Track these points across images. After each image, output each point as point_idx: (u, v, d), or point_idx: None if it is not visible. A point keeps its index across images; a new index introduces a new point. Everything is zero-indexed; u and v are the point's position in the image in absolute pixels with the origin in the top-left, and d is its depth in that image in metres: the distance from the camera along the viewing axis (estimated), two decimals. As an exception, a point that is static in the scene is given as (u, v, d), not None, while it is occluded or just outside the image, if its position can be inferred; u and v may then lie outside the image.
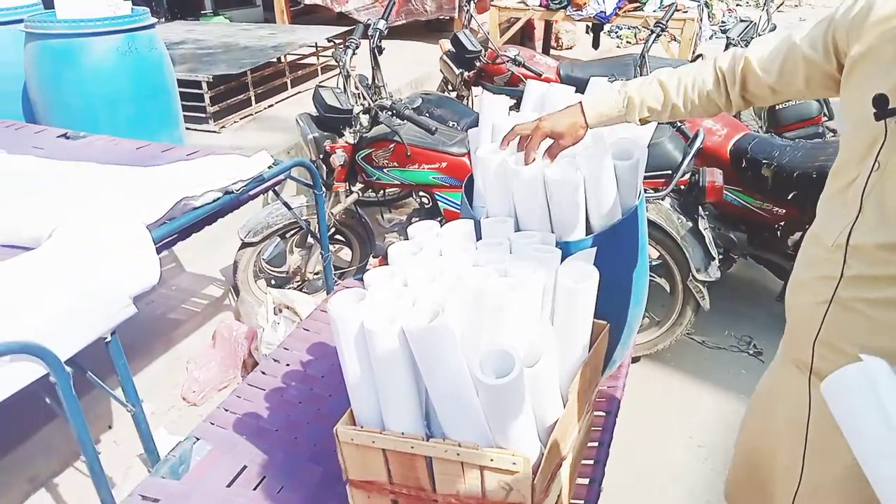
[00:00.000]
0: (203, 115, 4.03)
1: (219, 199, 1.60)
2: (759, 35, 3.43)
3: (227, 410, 1.41)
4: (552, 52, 7.25)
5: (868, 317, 0.98)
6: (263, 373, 1.54)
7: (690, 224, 2.21)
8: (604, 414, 1.40)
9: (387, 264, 1.11)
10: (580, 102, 1.18)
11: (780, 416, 1.22)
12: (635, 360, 2.47)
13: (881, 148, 0.92)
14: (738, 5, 10.22)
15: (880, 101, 0.89)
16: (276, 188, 2.11)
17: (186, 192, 1.50)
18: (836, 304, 1.02)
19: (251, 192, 1.76)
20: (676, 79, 1.15)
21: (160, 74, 3.24)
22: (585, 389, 1.14)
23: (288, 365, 1.56)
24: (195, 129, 3.99)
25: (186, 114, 3.68)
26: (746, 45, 3.20)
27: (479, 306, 0.97)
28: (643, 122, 1.19)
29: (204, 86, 3.93)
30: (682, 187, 2.27)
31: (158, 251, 1.46)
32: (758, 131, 3.00)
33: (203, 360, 2.36)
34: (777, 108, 3.09)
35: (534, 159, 1.17)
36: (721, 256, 2.57)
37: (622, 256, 1.32)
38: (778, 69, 1.06)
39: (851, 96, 0.97)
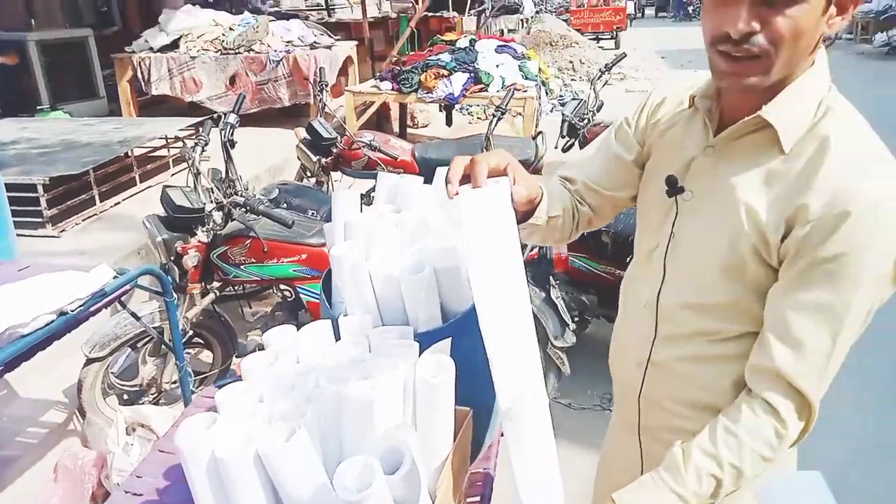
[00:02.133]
0: (39, 220, 3.74)
1: (53, 321, 1.48)
2: (590, 111, 3.78)
3: (70, 559, 1.26)
4: (409, 130, 7.54)
5: (679, 373, 1.09)
6: (114, 508, 1.40)
7: (544, 294, 2.34)
8: (478, 498, 1.40)
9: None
10: None
11: (619, 476, 1.29)
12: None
13: (675, 220, 1.06)
14: (572, 80, 11.24)
15: (671, 181, 1.03)
16: (124, 297, 1.99)
17: (12, 320, 1.37)
18: (653, 364, 1.13)
19: (92, 309, 1.64)
20: None
21: (-18, 182, 2.98)
22: (455, 481, 1.15)
23: (141, 495, 1.43)
24: (30, 236, 3.69)
25: (19, 220, 3.39)
26: (581, 121, 3.50)
27: (340, 413, 0.96)
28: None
29: (39, 188, 3.67)
30: (533, 260, 2.41)
31: (-20, 387, 1.31)
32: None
33: (44, 498, 2.11)
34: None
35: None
36: (577, 319, 2.72)
37: (479, 340, 1.37)
38: (605, 173, 1.19)
39: (649, 178, 1.13)
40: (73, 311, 1.51)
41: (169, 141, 5.00)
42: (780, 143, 0.93)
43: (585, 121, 3.65)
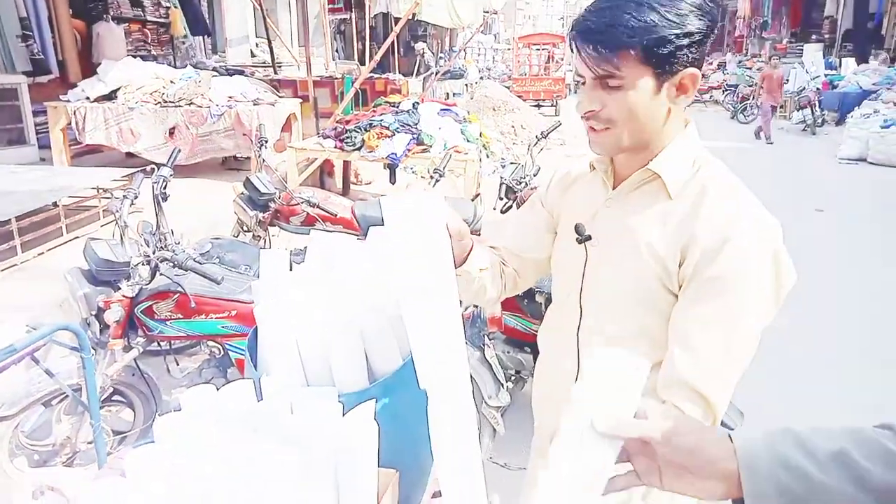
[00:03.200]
0: (-47, 269, 3.55)
1: (-47, 379, 1.39)
2: (527, 175, 3.91)
3: None
4: (352, 186, 7.57)
5: None
6: (7, 584, 1.29)
7: (478, 353, 2.35)
8: (404, 565, 1.36)
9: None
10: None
11: None
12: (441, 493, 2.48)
13: (585, 265, 1.19)
14: (514, 143, 11.62)
15: (578, 228, 1.19)
16: (40, 352, 1.89)
17: None
18: None
19: (-1, 366, 1.56)
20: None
21: None
22: (377, 547, 1.12)
23: (40, 569, 1.33)
24: (-58, 286, 3.49)
25: (-70, 269, 3.22)
26: (518, 184, 3.61)
27: (256, 485, 0.94)
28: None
29: (-46, 236, 3.50)
30: (468, 320, 2.43)
31: None
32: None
33: (-67, 573, 1.93)
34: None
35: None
36: (513, 378, 2.73)
37: (407, 400, 1.36)
38: (527, 241, 1.35)
39: (561, 234, 1.29)
40: (-24, 368, 1.43)
41: (100, 191, 4.87)
42: (667, 190, 1.11)
43: (523, 184, 3.76)
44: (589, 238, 1.18)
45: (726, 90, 18.93)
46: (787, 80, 15.22)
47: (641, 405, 1.03)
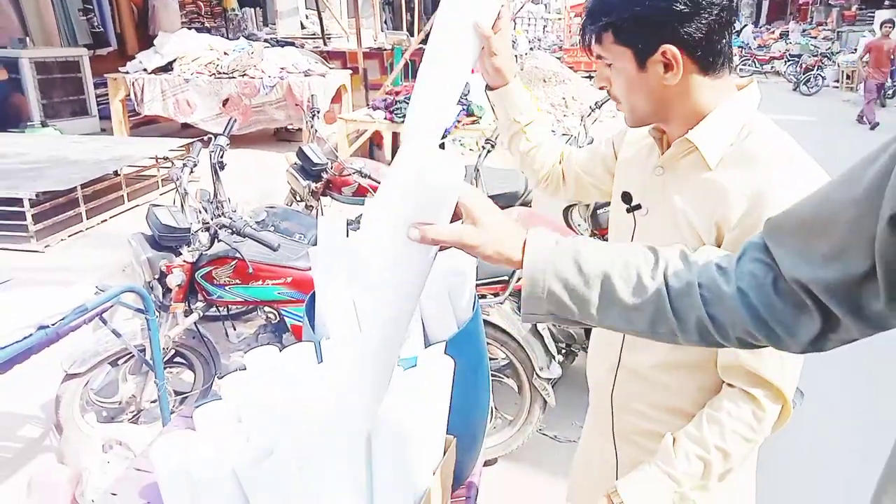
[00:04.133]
0: (24, 234, 3.72)
1: (31, 335, 1.46)
2: (580, 147, 3.85)
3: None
4: (400, 159, 7.57)
5: (646, 377, 1.17)
6: (84, 528, 1.36)
7: (530, 325, 2.34)
8: (457, 527, 1.38)
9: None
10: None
11: (594, 475, 1.37)
12: (491, 462, 2.50)
13: (633, 233, 1.18)
14: (564, 115, 11.41)
15: (626, 197, 1.19)
16: (106, 314, 1.97)
17: (-11, 331, 1.35)
18: (623, 368, 1.22)
19: (72, 324, 1.63)
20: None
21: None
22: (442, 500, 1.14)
23: (115, 515, 1.40)
24: (15, 250, 3.66)
25: (4, 234, 3.39)
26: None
27: (319, 439, 0.96)
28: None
29: (26, 203, 3.66)
30: (520, 290, 2.41)
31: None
32: (583, 233, 3.30)
33: (14, 516, 2.05)
34: (598, 212, 3.44)
35: None
36: (564, 351, 2.72)
37: (462, 368, 1.37)
38: (587, 158, 1.41)
39: (615, 196, 1.27)
40: (52, 325, 1.50)
41: (159, 161, 5.01)
42: (705, 160, 1.06)
43: (575, 155, 3.70)
44: (638, 207, 1.17)
45: (788, 60, 18.10)
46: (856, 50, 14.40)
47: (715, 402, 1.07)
